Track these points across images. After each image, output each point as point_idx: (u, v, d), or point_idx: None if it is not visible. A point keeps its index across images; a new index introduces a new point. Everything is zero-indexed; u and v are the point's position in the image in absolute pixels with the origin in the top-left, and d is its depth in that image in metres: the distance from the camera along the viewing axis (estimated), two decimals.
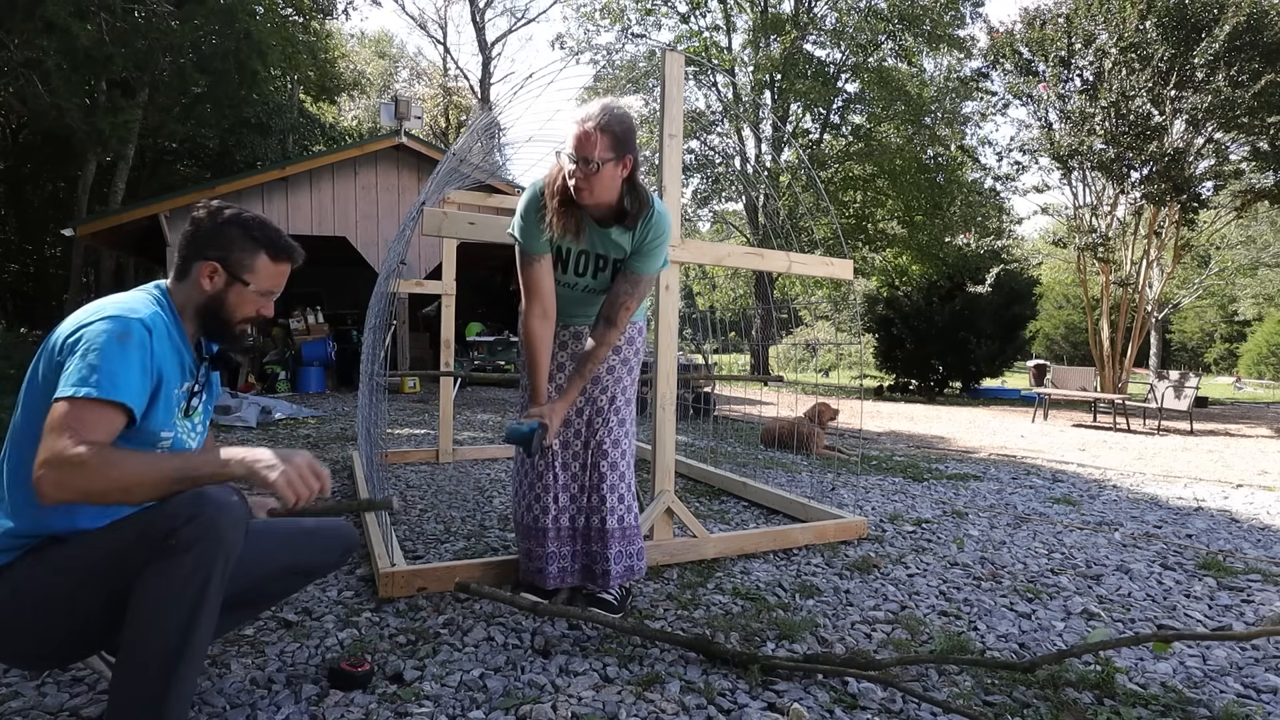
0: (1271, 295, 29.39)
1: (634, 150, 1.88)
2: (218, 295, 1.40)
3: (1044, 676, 1.75)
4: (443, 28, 29.87)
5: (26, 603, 1.24)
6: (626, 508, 2.16)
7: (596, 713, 1.56)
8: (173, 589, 1.16)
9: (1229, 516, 3.67)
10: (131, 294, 1.37)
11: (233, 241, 1.40)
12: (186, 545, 1.16)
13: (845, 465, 4.94)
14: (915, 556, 2.78)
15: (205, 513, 1.18)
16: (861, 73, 16.34)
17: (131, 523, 1.23)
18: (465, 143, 3.78)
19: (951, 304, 13.34)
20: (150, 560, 1.17)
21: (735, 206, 19.36)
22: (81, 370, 1.18)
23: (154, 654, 1.16)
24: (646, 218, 1.96)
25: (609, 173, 1.83)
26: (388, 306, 3.23)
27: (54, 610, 1.24)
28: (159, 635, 1.16)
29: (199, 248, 1.40)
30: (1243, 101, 9.10)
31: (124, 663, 1.18)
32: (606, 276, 2.07)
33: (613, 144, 1.81)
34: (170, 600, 1.16)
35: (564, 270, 2.08)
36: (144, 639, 1.16)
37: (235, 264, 1.40)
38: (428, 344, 11.69)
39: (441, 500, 3.54)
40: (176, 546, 1.16)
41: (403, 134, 9.62)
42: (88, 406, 1.16)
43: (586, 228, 1.98)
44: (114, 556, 1.21)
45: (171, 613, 1.16)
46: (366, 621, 2.02)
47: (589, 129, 1.80)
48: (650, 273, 2.04)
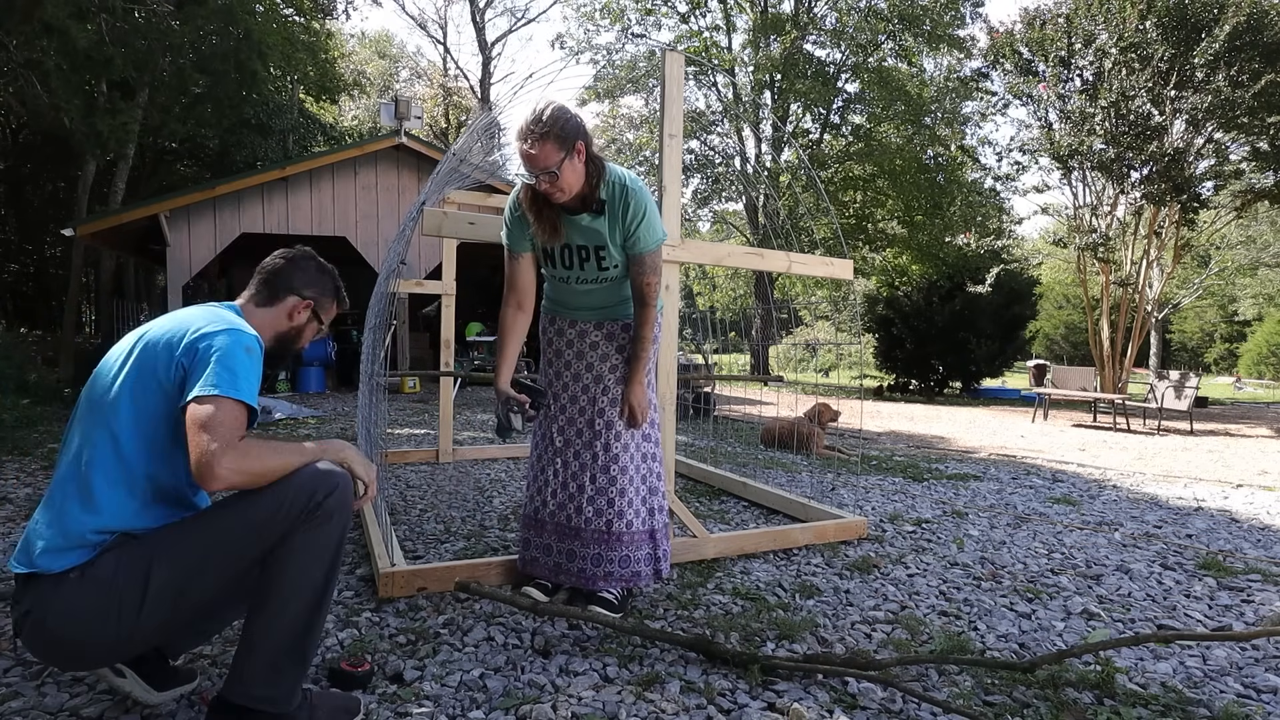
0: (1271, 295, 29.39)
1: (581, 135, 1.89)
2: (299, 328, 1.63)
3: (1044, 676, 1.75)
4: (443, 28, 29.90)
5: (124, 595, 1.28)
6: (635, 512, 2.13)
7: (596, 713, 1.56)
8: (318, 553, 1.37)
9: (1229, 516, 3.67)
10: (225, 312, 1.50)
11: (324, 287, 1.66)
12: (330, 514, 1.36)
13: (845, 465, 4.94)
14: (915, 556, 2.78)
15: (340, 485, 1.38)
16: (861, 73, 16.34)
17: (257, 502, 1.34)
18: (465, 143, 3.78)
19: (951, 304, 13.34)
20: (295, 529, 1.34)
21: (735, 206, 19.37)
22: (223, 375, 1.33)
23: (303, 606, 1.36)
24: (621, 198, 1.98)
25: (569, 169, 1.89)
26: (388, 306, 3.23)
27: (159, 598, 1.30)
28: (307, 591, 1.36)
29: (295, 284, 1.61)
30: (1243, 101, 9.10)
31: (270, 616, 1.35)
32: (593, 266, 2.08)
33: (558, 145, 1.84)
34: (316, 562, 1.37)
35: (554, 265, 2.15)
36: (296, 594, 1.35)
37: (320, 306, 1.66)
38: (428, 344, 11.69)
39: (441, 500, 3.54)
40: (322, 517, 1.35)
41: (403, 134, 9.62)
42: (236, 408, 1.32)
43: (563, 224, 2.03)
44: (252, 528, 1.34)
45: (316, 571, 1.37)
46: (366, 621, 2.02)
47: (529, 150, 1.84)
48: (651, 247, 2.05)
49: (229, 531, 1.34)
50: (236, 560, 1.35)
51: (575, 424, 2.16)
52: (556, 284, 2.20)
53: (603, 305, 2.18)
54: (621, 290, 2.16)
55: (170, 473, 1.38)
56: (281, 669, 1.36)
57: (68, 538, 1.29)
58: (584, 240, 2.06)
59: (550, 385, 2.21)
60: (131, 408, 1.35)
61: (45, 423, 5.48)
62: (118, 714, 1.53)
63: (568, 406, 2.18)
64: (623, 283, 2.14)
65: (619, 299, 2.17)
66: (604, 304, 2.17)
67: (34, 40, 7.43)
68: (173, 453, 1.37)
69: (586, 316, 2.20)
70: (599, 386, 2.14)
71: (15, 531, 2.83)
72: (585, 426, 2.15)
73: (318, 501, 1.35)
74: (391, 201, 9.76)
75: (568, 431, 2.16)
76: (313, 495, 1.34)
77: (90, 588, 1.28)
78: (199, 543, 1.34)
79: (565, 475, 2.15)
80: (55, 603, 1.27)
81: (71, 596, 1.27)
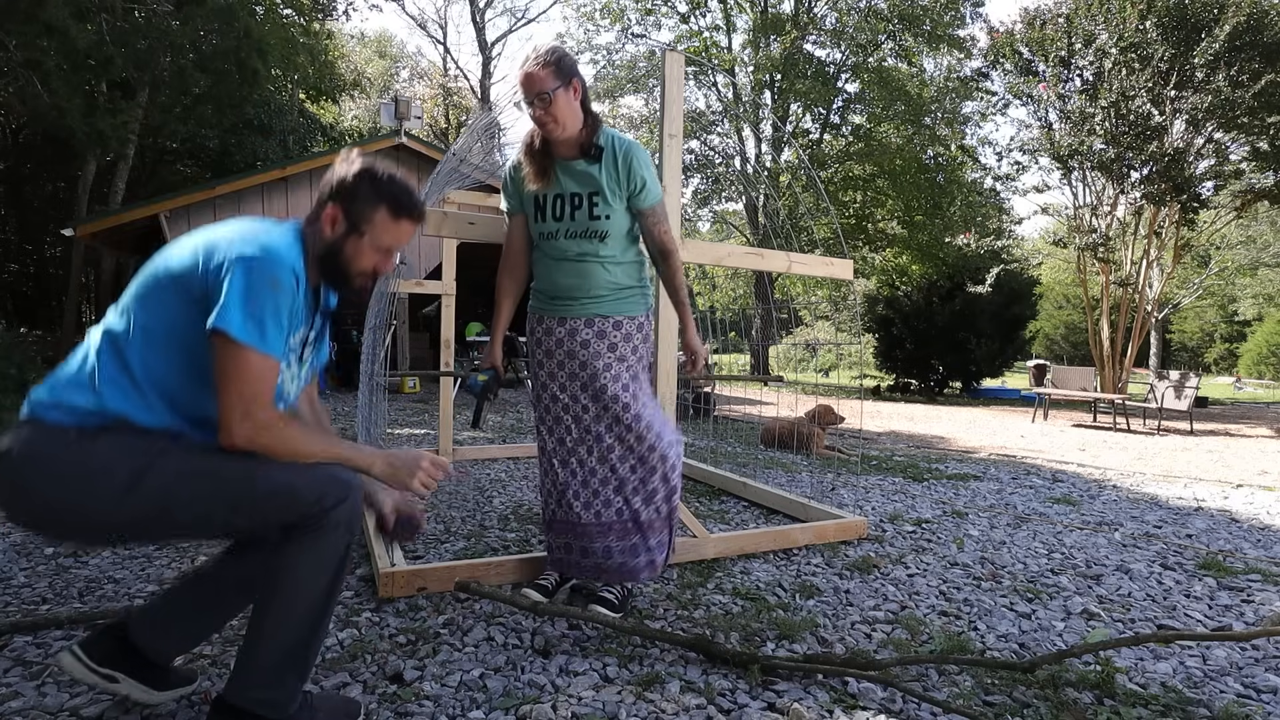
0: (1271, 295, 29.39)
1: (578, 74, 1.99)
2: (337, 242, 1.44)
3: (1044, 676, 1.75)
4: (443, 28, 29.93)
5: (112, 479, 1.25)
6: (632, 510, 2.11)
7: (596, 713, 1.56)
8: (322, 560, 1.34)
9: (1229, 516, 3.67)
10: (283, 231, 1.39)
11: (358, 192, 1.44)
12: (335, 524, 1.33)
13: (845, 465, 4.94)
14: (915, 556, 2.78)
15: (350, 498, 1.35)
16: (861, 73, 16.34)
17: (271, 475, 1.31)
18: (465, 143, 3.78)
19: (951, 304, 13.34)
20: (298, 525, 1.32)
21: (735, 206, 19.37)
22: (245, 310, 1.25)
23: (305, 611, 1.35)
24: (623, 148, 2.03)
25: (563, 99, 1.94)
26: (388, 306, 3.23)
27: (144, 499, 1.27)
28: (310, 597, 1.35)
29: (330, 192, 1.45)
30: (1243, 101, 9.11)
31: (273, 620, 1.34)
32: (584, 214, 2.04)
33: (555, 73, 1.93)
34: (320, 569, 1.35)
35: (543, 218, 2.09)
36: (299, 599, 1.34)
37: (356, 214, 1.43)
38: (428, 344, 11.68)
39: (441, 500, 3.54)
40: (328, 525, 1.32)
41: (403, 134, 9.62)
42: (261, 362, 1.26)
43: (555, 170, 2.06)
44: (255, 495, 1.31)
45: (320, 578, 1.35)
46: (366, 621, 2.02)
47: (531, 70, 1.93)
48: (654, 200, 2.09)
49: (235, 485, 1.30)
50: (226, 512, 1.31)
51: (563, 421, 2.14)
52: (545, 259, 2.12)
53: (591, 288, 2.08)
54: (609, 270, 2.07)
55: (185, 389, 1.32)
56: (282, 673, 1.35)
57: (65, 400, 1.27)
58: (578, 187, 2.04)
59: (543, 389, 2.17)
60: (151, 308, 1.30)
61: None
62: (118, 714, 1.52)
63: (565, 410, 2.13)
64: (612, 255, 2.07)
65: (607, 282, 2.08)
66: (593, 286, 2.08)
67: (35, 40, 7.42)
68: (188, 368, 1.31)
69: (576, 310, 2.09)
70: (596, 385, 2.08)
71: (15, 531, 2.83)
72: (572, 423, 2.13)
73: (324, 507, 1.31)
74: None
75: (558, 430, 2.14)
76: (321, 499, 1.31)
77: (78, 455, 1.24)
78: (202, 481, 1.30)
79: (565, 474, 2.13)
80: (39, 448, 1.25)
81: (57, 451, 1.25)
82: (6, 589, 2.21)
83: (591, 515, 2.10)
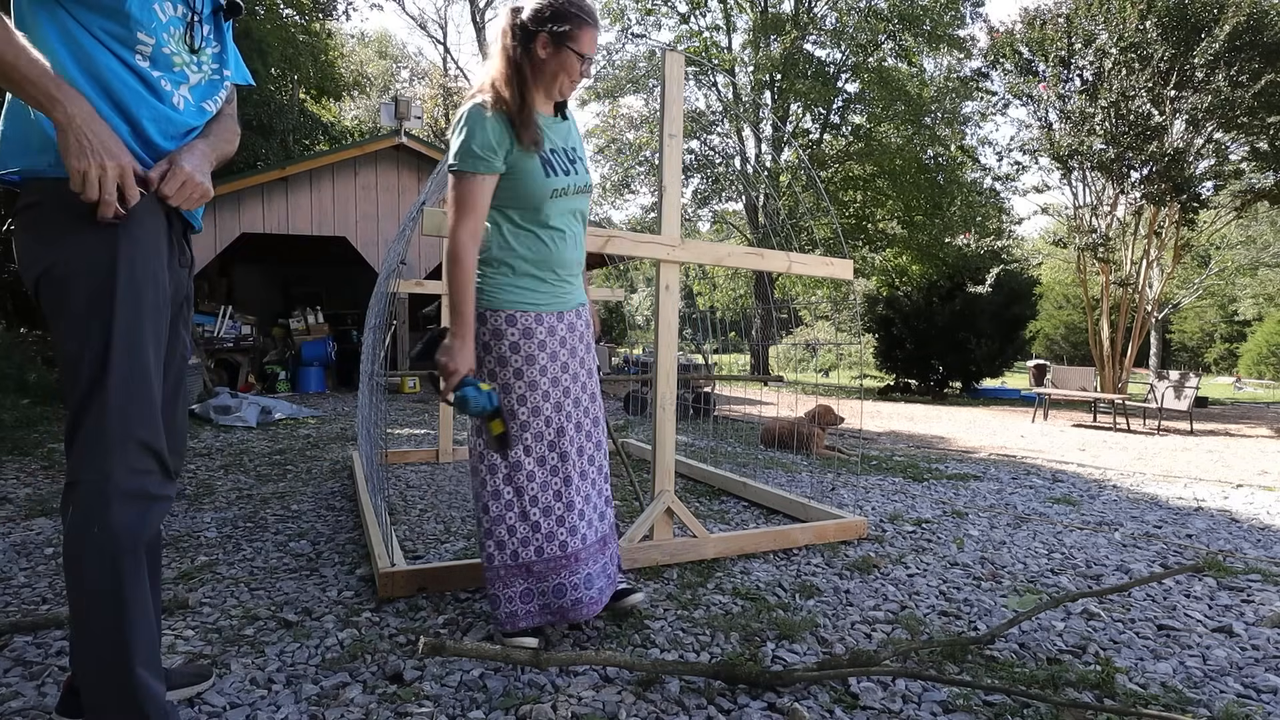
0: (1271, 295, 29.39)
1: None
2: None
3: (1044, 676, 1.75)
4: (443, 28, 29.93)
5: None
6: (610, 519, 2.03)
7: (596, 713, 1.56)
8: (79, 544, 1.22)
9: (1229, 516, 3.67)
10: None
11: None
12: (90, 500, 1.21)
13: (845, 465, 4.94)
14: (915, 556, 2.78)
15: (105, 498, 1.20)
16: (861, 73, 16.35)
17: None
18: None
19: (951, 304, 13.34)
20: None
21: (735, 206, 19.37)
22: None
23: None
24: (570, 114, 1.93)
25: None
26: (388, 306, 3.23)
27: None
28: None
29: None
30: (1243, 101, 9.11)
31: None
32: (583, 169, 1.91)
33: None
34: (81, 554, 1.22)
35: (553, 172, 1.82)
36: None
37: None
38: None
39: (441, 500, 3.54)
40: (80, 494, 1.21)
41: (403, 134, 9.62)
42: None
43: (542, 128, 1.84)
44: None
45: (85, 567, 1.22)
46: (366, 621, 2.02)
47: (598, 33, 1.82)
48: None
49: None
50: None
51: (570, 437, 1.92)
52: (546, 228, 1.84)
53: (580, 261, 1.95)
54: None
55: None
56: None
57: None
58: (565, 142, 1.88)
59: (543, 398, 1.87)
60: None
61: (45, 423, 5.48)
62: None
63: (567, 419, 1.91)
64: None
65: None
66: (581, 259, 1.96)
67: None
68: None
69: (575, 298, 1.94)
70: (594, 382, 2.02)
71: (15, 531, 2.83)
72: (583, 437, 1.96)
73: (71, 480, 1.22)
74: (391, 201, 9.77)
75: (561, 445, 1.90)
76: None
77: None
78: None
79: (576, 496, 1.91)
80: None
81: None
82: (6, 589, 2.21)
83: (594, 535, 1.95)
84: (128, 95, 1.25)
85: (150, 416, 1.25)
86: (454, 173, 1.74)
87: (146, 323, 1.25)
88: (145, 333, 1.25)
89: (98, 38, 1.22)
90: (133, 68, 1.26)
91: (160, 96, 1.29)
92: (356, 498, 3.38)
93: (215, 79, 1.42)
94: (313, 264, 12.53)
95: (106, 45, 1.23)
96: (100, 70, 1.22)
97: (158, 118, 1.29)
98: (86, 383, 1.20)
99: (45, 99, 1.12)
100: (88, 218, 1.18)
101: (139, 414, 1.23)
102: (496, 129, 1.73)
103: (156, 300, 1.27)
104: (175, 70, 1.32)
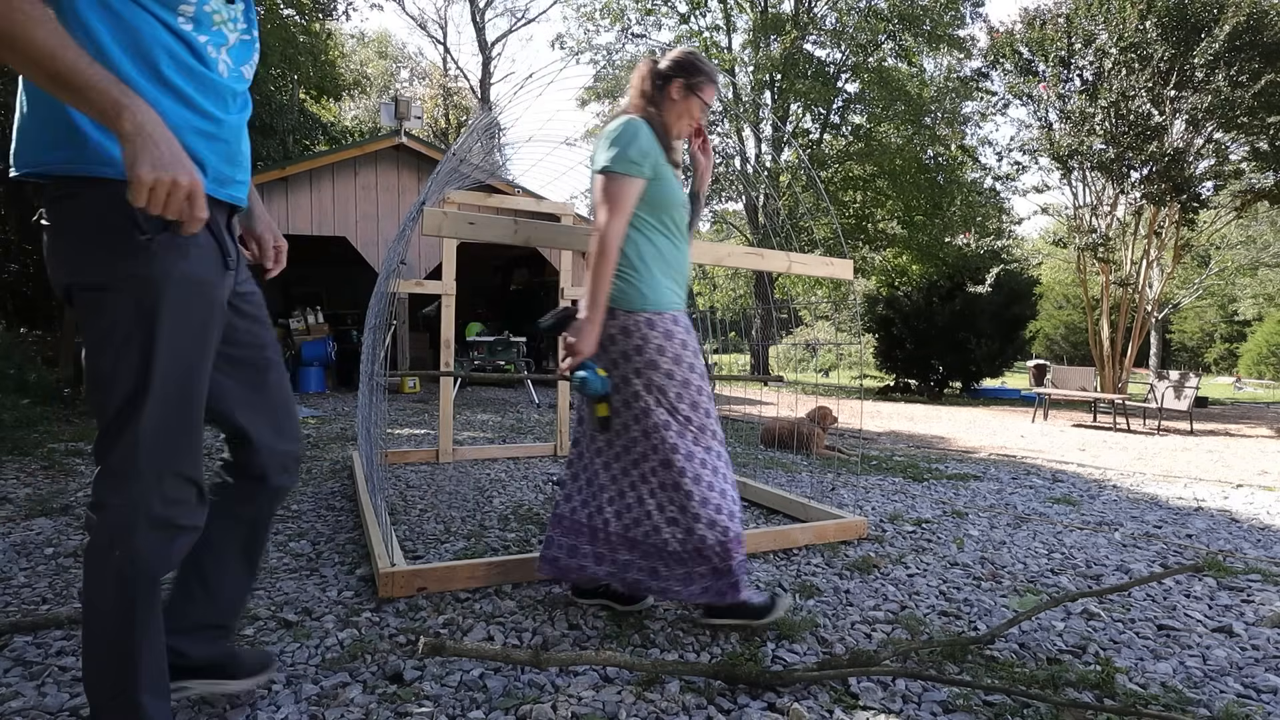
0: (1271, 295, 29.40)
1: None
2: None
3: (1044, 676, 1.75)
4: (443, 28, 29.93)
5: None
6: (652, 526, 1.96)
7: (596, 713, 1.56)
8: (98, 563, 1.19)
9: (1229, 516, 3.67)
10: None
11: None
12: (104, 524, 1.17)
13: (845, 465, 4.94)
14: (915, 556, 2.78)
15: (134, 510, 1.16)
16: (861, 73, 16.34)
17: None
18: (465, 143, 3.78)
19: (951, 304, 13.34)
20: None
21: (735, 206, 19.36)
22: None
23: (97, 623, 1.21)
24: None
25: None
26: (388, 306, 3.23)
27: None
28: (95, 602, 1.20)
29: None
30: (1243, 101, 9.11)
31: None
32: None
33: None
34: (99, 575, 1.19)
35: (675, 189, 2.03)
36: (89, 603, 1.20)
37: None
38: (428, 344, 11.68)
39: (441, 500, 3.54)
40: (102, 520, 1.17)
41: (403, 134, 9.61)
42: None
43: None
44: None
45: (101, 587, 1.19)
46: (366, 621, 2.02)
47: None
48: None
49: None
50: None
51: (713, 430, 2.03)
52: (675, 235, 2.04)
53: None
54: None
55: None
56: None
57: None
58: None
59: (699, 393, 1.99)
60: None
61: (45, 423, 5.48)
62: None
63: (707, 415, 2.01)
64: None
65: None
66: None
67: None
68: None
69: (681, 295, 2.08)
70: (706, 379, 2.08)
71: (15, 531, 2.83)
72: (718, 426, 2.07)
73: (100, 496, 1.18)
74: (391, 201, 9.77)
75: (704, 439, 2.00)
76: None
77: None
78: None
79: (731, 486, 2.03)
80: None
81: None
82: (6, 589, 2.21)
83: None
84: (175, 67, 1.14)
85: (190, 444, 1.20)
86: (609, 174, 1.90)
87: (194, 341, 1.18)
88: (191, 353, 1.17)
89: (139, 2, 1.10)
90: (177, 32, 1.14)
91: (206, 63, 1.19)
92: (356, 498, 3.38)
93: (247, 40, 1.29)
94: (313, 264, 12.53)
95: (148, 8, 1.11)
96: (144, 42, 1.10)
97: (206, 87, 1.18)
98: (121, 401, 1.13)
99: (110, 106, 0.98)
100: (134, 225, 1.10)
101: (178, 442, 1.17)
102: (650, 140, 1.95)
103: (206, 317, 1.20)
104: (214, 29, 1.20)
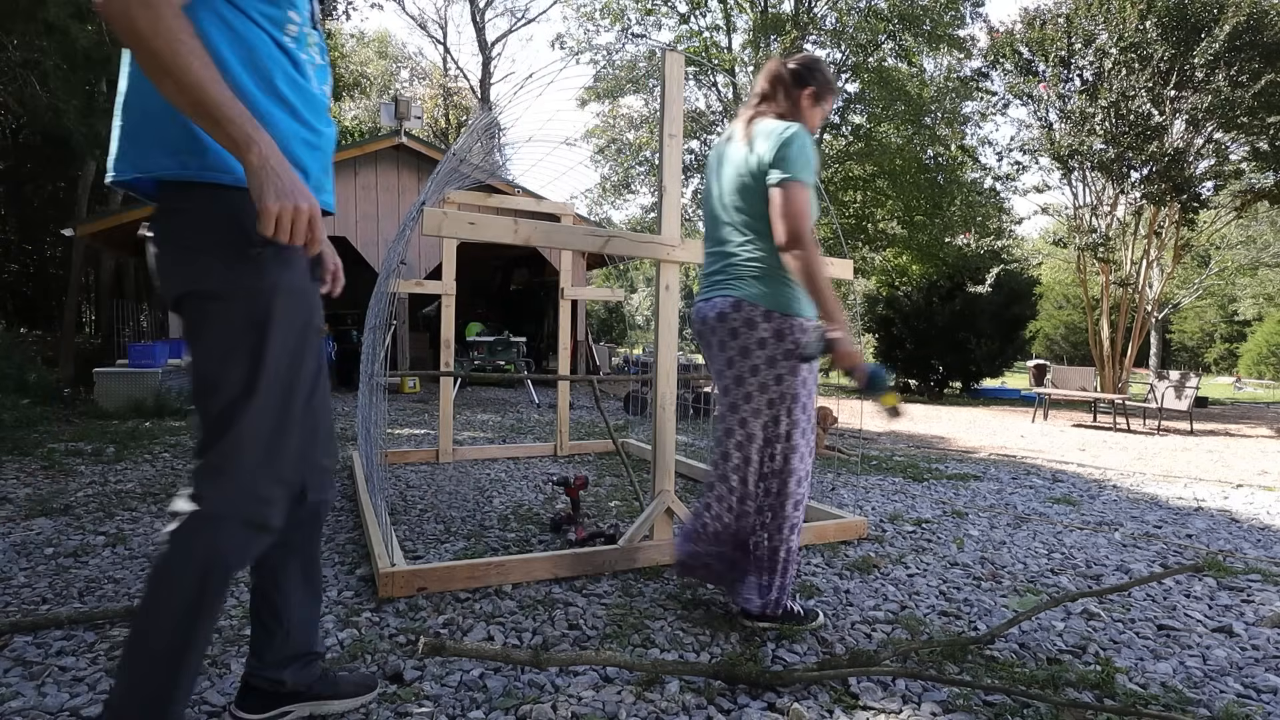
0: (1271, 295, 29.41)
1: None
2: None
3: (1044, 676, 1.75)
4: (443, 28, 29.94)
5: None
6: (734, 531, 2.04)
7: (596, 713, 1.56)
8: (179, 561, 1.18)
9: (1229, 516, 3.67)
10: None
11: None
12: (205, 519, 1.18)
13: (845, 465, 4.94)
14: (915, 556, 2.78)
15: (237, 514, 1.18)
16: (861, 73, 16.33)
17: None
18: (465, 143, 3.78)
19: (951, 304, 13.34)
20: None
21: None
22: None
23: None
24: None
25: None
26: (388, 306, 3.23)
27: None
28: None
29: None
30: (1243, 101, 9.11)
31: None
32: None
33: None
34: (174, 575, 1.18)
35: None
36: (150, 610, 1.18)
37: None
38: (428, 344, 11.68)
39: (441, 500, 3.54)
40: (200, 516, 1.17)
41: (403, 134, 9.61)
42: None
43: None
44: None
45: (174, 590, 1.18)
46: (366, 621, 2.01)
47: None
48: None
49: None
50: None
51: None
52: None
53: None
54: None
55: None
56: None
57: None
58: None
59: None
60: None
61: (45, 423, 5.48)
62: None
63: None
64: None
65: None
66: None
67: (34, 40, 7.42)
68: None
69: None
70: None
71: (15, 531, 2.83)
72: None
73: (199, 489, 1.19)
74: (391, 201, 9.77)
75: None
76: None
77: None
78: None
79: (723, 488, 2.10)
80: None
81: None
82: (6, 589, 2.21)
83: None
84: (286, 81, 1.20)
85: (287, 448, 1.22)
86: (800, 184, 1.90)
87: (296, 349, 1.21)
88: (294, 360, 1.21)
89: (254, 20, 1.16)
90: (285, 49, 1.20)
91: (308, 79, 1.25)
92: (356, 498, 3.38)
93: (323, 64, 1.34)
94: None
95: (263, 27, 1.17)
96: (260, 58, 1.16)
97: (309, 101, 1.24)
98: (226, 403, 1.16)
99: (243, 139, 1.04)
100: (247, 238, 1.14)
101: (276, 444, 1.20)
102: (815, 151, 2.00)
103: (307, 325, 1.24)
104: (309, 49, 1.27)
